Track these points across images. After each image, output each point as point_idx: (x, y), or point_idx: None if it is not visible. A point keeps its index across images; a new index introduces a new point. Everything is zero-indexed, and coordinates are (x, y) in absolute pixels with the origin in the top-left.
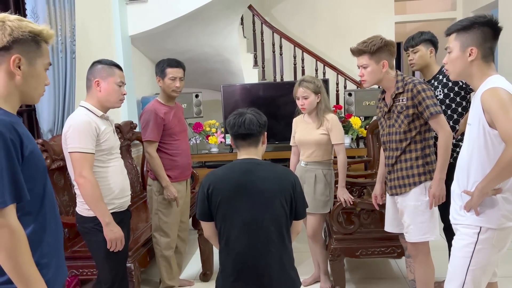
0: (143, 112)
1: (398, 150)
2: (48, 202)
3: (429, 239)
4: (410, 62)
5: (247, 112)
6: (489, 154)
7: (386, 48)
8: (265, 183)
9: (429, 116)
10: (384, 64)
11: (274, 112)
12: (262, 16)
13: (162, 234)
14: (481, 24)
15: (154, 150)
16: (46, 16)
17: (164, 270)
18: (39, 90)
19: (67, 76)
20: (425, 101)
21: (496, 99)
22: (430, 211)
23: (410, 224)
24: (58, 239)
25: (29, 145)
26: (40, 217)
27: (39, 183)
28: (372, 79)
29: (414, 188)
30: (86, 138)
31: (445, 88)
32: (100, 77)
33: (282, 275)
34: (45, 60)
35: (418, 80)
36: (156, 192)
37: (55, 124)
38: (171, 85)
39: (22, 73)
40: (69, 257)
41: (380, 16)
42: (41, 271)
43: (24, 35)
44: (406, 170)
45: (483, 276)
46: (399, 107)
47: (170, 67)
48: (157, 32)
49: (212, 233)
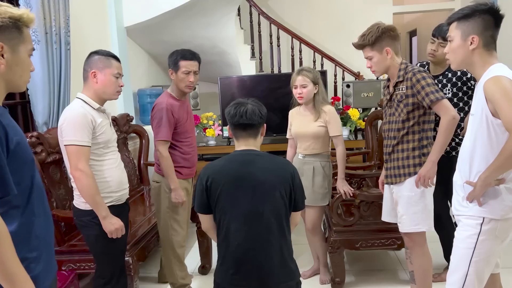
0: (156, 107)
1: (395, 139)
2: (36, 195)
3: (420, 230)
4: (430, 52)
5: (248, 102)
6: (492, 144)
7: (385, 35)
8: (265, 174)
9: (430, 104)
10: (387, 51)
11: (271, 104)
12: (259, 7)
13: (174, 233)
14: (482, 12)
15: (166, 150)
16: (39, 6)
17: (178, 269)
18: (25, 77)
19: (62, 68)
20: (424, 89)
21: (499, 87)
22: (423, 202)
23: (403, 214)
24: (48, 232)
25: (14, 137)
26: (28, 211)
27: (27, 176)
28: (380, 68)
29: (409, 178)
30: (82, 130)
31: (454, 88)
32: (97, 68)
33: (282, 267)
34: (28, 46)
35: (418, 69)
36: (167, 189)
37: (50, 116)
38: (184, 79)
39: (6, 62)
40: (66, 251)
41: (378, 6)
42: (30, 265)
43: (4, 21)
44: (402, 160)
45: (486, 267)
46: (399, 96)
47: (184, 59)
48: (153, 24)
49: (211, 225)
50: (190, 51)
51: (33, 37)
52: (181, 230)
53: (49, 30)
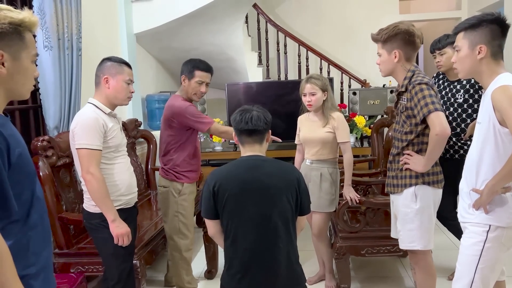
0: (180, 107)
1: (397, 149)
2: (36, 209)
3: (415, 248)
4: (437, 64)
5: (253, 109)
6: (499, 152)
7: (399, 36)
8: (271, 179)
9: (423, 117)
10: (396, 54)
11: (278, 110)
12: (266, 14)
13: (181, 236)
14: (489, 21)
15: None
16: (53, 13)
17: (185, 273)
18: (28, 85)
19: (73, 73)
20: (420, 102)
21: (506, 97)
22: (419, 220)
23: (400, 230)
24: (46, 247)
25: (16, 148)
26: (26, 225)
27: (27, 188)
28: (385, 69)
29: (405, 190)
30: (93, 134)
31: (466, 94)
32: (109, 74)
33: (289, 271)
34: (31, 52)
35: (420, 80)
36: (176, 193)
37: (61, 121)
38: (196, 88)
39: (6, 70)
40: (75, 254)
41: (384, 15)
42: (28, 281)
43: (4, 27)
44: (401, 171)
45: (491, 274)
46: (401, 107)
47: (199, 70)
48: (162, 30)
49: (217, 231)
50: (206, 63)
51: (46, 43)
52: (189, 234)
53: (61, 36)
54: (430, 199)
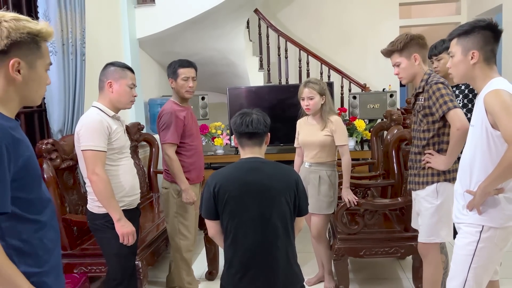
0: (162, 113)
1: (417, 147)
2: (47, 210)
3: (434, 241)
4: (434, 69)
5: (253, 112)
6: (492, 154)
7: (414, 41)
8: (271, 180)
9: (442, 114)
10: (415, 57)
11: (279, 114)
12: (267, 20)
13: (182, 237)
14: (481, 27)
15: (173, 152)
16: (57, 19)
17: (185, 273)
18: (40, 92)
19: (77, 78)
20: (438, 100)
21: (499, 101)
22: (438, 215)
23: (421, 224)
24: (56, 246)
25: (25, 153)
26: (39, 224)
27: (36, 191)
28: (408, 75)
29: (427, 187)
30: (98, 136)
31: (465, 99)
32: (113, 78)
33: (288, 271)
34: (46, 61)
35: (437, 80)
36: (175, 195)
37: (65, 124)
38: (184, 85)
39: (22, 77)
40: (78, 255)
41: (385, 20)
42: (41, 278)
43: (22, 36)
44: (423, 169)
45: (484, 274)
46: (418, 107)
47: (182, 67)
48: (164, 35)
49: (217, 231)
50: (187, 60)
51: (51, 48)
52: (189, 235)
53: (65, 42)
54: (450, 194)
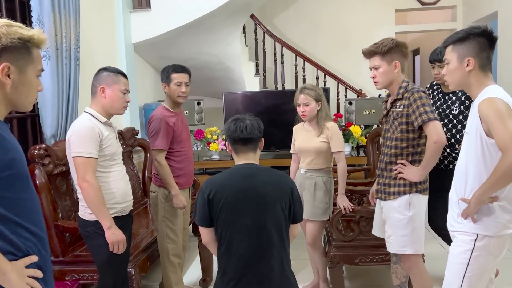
0: (152, 119)
1: (389, 156)
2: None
3: (407, 252)
4: (435, 75)
5: (246, 117)
6: (486, 162)
7: (398, 48)
8: (265, 187)
9: (421, 123)
10: (396, 65)
11: (275, 120)
12: (264, 25)
13: (169, 241)
14: (476, 35)
15: (163, 158)
16: (51, 23)
17: (172, 276)
18: (31, 98)
19: (70, 83)
20: (418, 109)
21: (493, 109)
22: (412, 226)
23: (391, 234)
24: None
25: (9, 151)
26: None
27: (21, 193)
28: (384, 80)
29: (399, 197)
30: (89, 143)
31: (461, 106)
32: (105, 84)
33: (282, 278)
34: (37, 67)
35: (418, 89)
36: (163, 199)
37: (58, 129)
38: (177, 90)
39: (11, 82)
40: (70, 262)
41: (381, 26)
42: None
43: (13, 42)
44: (393, 179)
45: (479, 282)
46: (395, 113)
47: (175, 72)
48: (160, 40)
49: (211, 239)
50: (180, 65)
51: (44, 53)
52: (176, 239)
53: (59, 46)
54: (422, 206)
